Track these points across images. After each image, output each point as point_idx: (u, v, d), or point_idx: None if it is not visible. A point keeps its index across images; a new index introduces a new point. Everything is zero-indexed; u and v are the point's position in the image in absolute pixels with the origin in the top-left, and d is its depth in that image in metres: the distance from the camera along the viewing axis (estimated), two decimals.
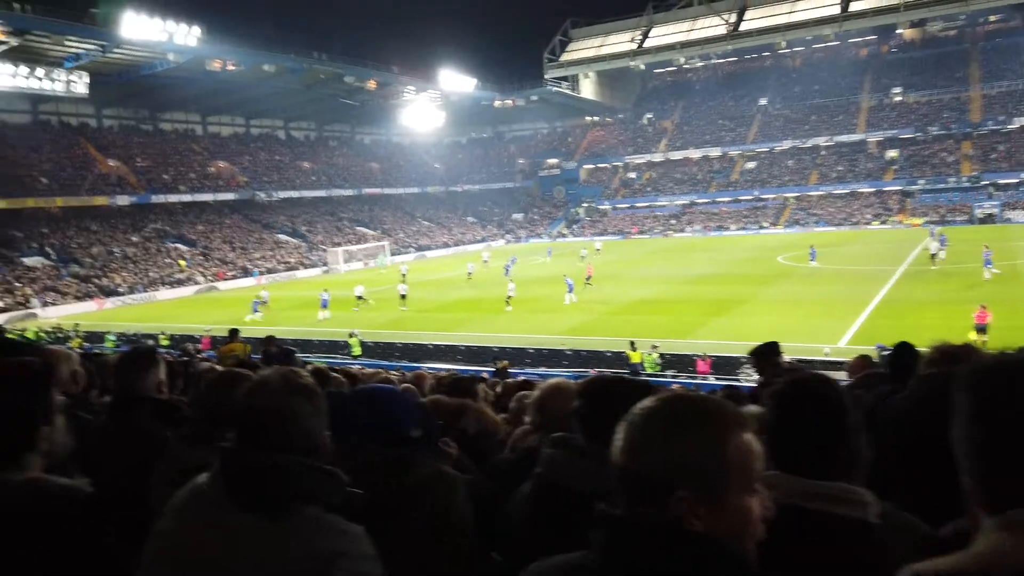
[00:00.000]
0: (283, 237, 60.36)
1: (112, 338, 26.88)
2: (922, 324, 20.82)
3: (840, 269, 37.13)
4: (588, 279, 35.27)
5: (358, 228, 67.15)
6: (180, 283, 46.84)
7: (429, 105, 75.54)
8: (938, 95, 72.68)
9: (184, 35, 47.16)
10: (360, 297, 32.81)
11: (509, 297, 31.30)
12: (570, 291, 31.60)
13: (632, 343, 20.27)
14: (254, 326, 27.88)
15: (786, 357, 17.33)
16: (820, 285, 32.44)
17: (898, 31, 78.97)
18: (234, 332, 11.73)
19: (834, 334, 22.00)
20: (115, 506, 1.76)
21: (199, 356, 16.28)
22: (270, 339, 11.07)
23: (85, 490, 1.65)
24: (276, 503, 1.52)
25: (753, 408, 2.60)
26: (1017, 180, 59.91)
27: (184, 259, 50.33)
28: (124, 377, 2.93)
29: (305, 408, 1.63)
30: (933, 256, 34.84)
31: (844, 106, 77.19)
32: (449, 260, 57.47)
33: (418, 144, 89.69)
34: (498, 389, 7.05)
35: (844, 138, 73.08)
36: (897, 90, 75.57)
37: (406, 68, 69.68)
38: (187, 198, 57.46)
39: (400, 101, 73.94)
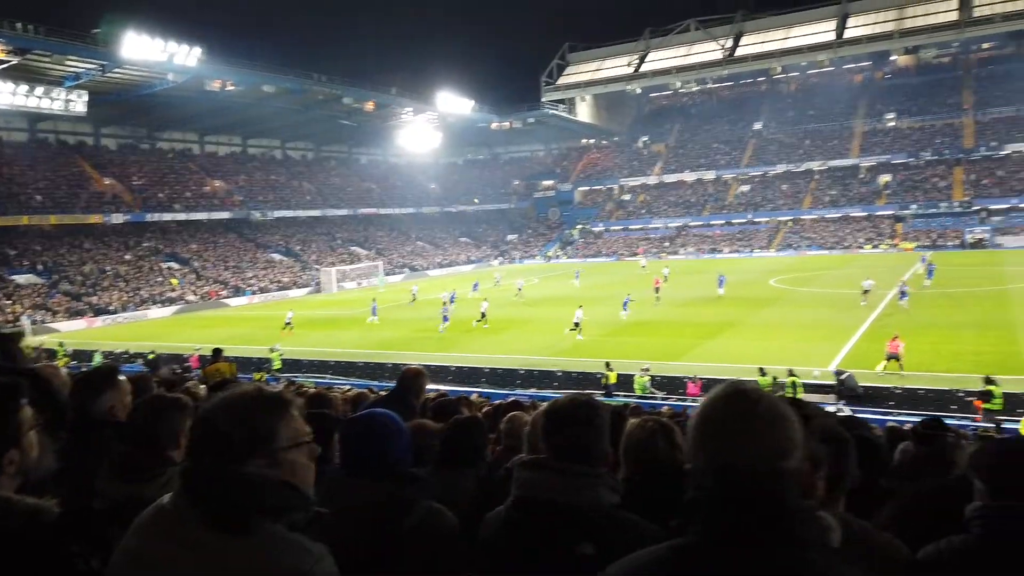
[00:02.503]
0: (276, 256, 60.33)
1: (100, 356, 26.70)
2: (912, 347, 20.88)
3: (832, 293, 37.20)
4: (657, 291, 36.94)
5: (352, 248, 67.20)
6: (172, 301, 46.72)
7: (426, 126, 76.02)
8: (931, 121, 73.44)
9: (184, 56, 47.53)
10: (483, 315, 32.82)
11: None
12: (625, 308, 32.40)
13: (607, 364, 20.53)
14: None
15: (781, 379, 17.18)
16: (812, 309, 32.49)
17: (892, 57, 79.88)
18: (217, 352, 11.68)
19: (825, 357, 22.03)
20: (80, 530, 1.72)
21: (188, 376, 16.20)
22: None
23: (53, 510, 1.59)
24: (238, 517, 1.47)
25: None
26: (1008, 206, 60.40)
27: (176, 278, 50.27)
28: (78, 398, 2.89)
29: (266, 422, 1.57)
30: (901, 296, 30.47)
31: (838, 131, 77.86)
32: (446, 280, 57.35)
33: (415, 165, 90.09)
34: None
35: (838, 163, 73.67)
36: (891, 115, 76.33)
37: (404, 90, 70.28)
38: (182, 217, 57.52)
39: (398, 122, 74.40)
